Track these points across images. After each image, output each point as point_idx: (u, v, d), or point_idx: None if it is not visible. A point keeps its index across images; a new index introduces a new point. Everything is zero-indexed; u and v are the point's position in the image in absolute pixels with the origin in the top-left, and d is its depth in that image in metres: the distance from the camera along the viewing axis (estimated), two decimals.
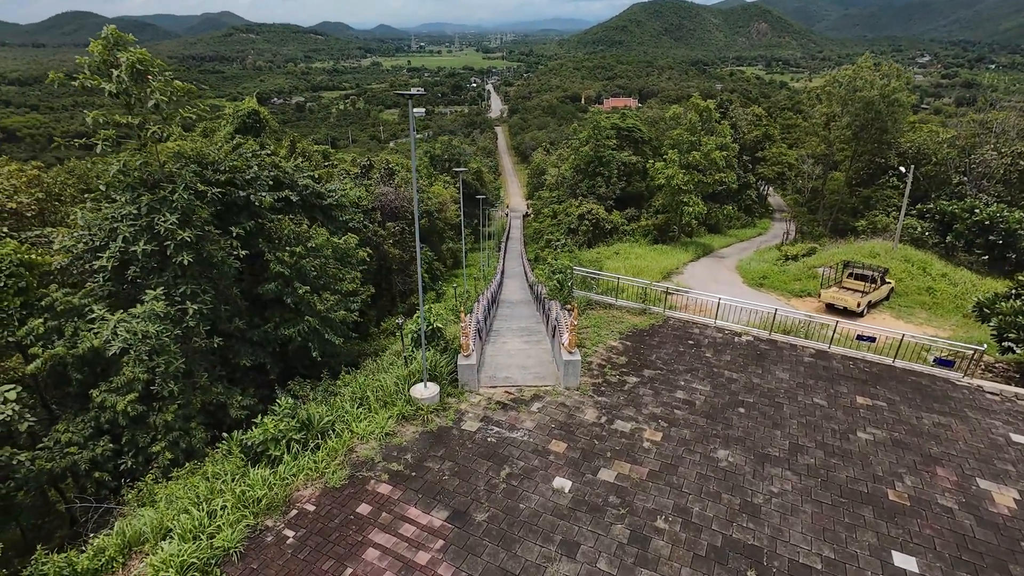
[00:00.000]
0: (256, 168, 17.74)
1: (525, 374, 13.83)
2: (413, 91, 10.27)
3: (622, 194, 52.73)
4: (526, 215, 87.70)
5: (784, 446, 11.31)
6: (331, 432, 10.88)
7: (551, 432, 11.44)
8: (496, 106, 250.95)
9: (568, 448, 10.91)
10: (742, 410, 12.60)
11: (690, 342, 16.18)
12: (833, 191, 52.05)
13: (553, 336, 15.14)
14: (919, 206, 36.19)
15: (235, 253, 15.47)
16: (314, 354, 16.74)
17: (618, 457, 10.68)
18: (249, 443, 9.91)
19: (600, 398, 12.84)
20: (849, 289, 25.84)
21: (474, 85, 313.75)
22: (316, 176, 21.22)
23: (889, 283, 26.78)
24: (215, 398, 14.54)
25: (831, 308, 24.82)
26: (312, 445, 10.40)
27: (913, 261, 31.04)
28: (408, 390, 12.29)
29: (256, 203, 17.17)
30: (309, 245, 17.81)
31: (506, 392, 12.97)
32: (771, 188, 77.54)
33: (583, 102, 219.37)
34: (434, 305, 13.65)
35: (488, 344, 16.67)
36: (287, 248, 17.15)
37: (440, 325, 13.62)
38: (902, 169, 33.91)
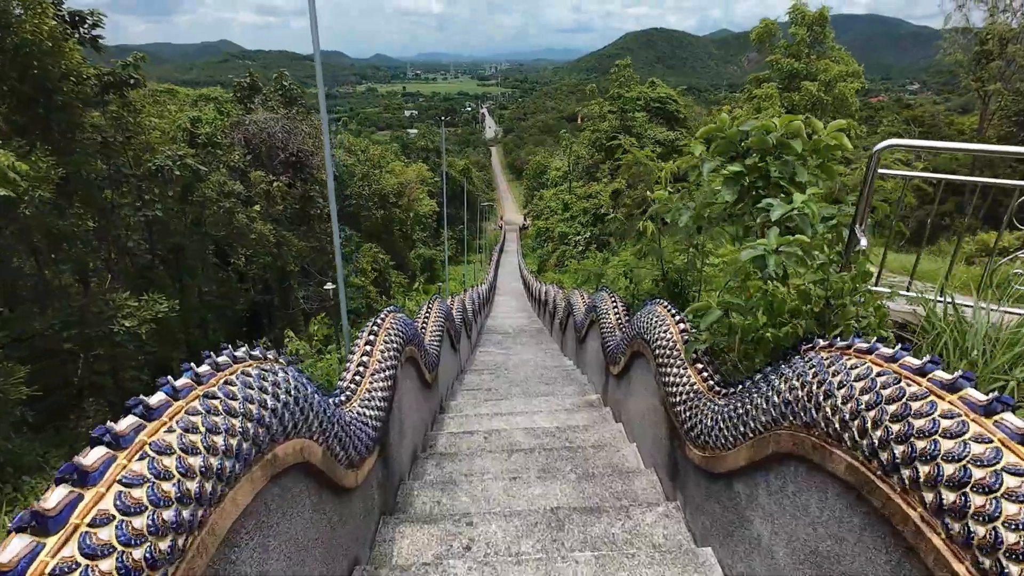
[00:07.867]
0: None
1: None
2: None
3: None
4: (523, 227, 76.03)
5: None
6: None
7: None
8: (491, 127, 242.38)
9: None
10: None
11: None
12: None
13: None
14: None
15: None
16: None
17: None
18: None
19: None
20: None
21: (469, 109, 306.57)
22: None
23: None
24: None
25: None
26: None
27: None
28: None
29: None
30: None
31: None
32: None
33: (580, 122, 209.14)
34: None
35: (409, 504, 2.53)
36: None
37: None
38: None
